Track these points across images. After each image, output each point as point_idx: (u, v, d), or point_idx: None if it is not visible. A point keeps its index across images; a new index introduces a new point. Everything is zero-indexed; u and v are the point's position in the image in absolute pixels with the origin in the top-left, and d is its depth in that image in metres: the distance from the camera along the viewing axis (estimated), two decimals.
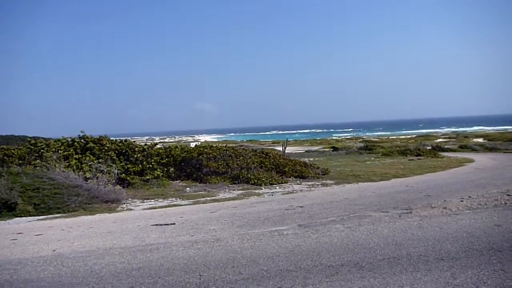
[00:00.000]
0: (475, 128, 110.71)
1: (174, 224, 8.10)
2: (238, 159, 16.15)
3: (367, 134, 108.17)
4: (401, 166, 21.04)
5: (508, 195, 9.83)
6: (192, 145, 20.11)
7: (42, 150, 14.16)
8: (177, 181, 15.27)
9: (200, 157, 15.94)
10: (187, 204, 11.01)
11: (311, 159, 26.42)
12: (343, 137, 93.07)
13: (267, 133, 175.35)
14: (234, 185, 14.64)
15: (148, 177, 14.34)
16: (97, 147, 14.73)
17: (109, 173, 12.96)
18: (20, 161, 13.74)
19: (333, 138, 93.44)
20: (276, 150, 25.77)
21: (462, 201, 9.34)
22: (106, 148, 14.79)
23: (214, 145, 18.49)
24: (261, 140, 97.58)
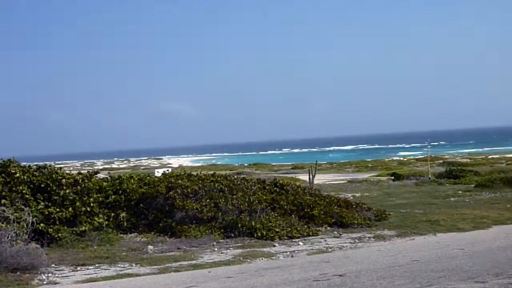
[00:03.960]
0: None
1: None
2: (234, 197, 16.02)
3: (450, 151, 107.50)
4: (508, 205, 20.72)
5: None
6: (158, 173, 20.00)
7: None
8: (133, 234, 15.23)
9: (171, 193, 15.83)
10: (148, 274, 10.81)
11: (358, 194, 26.09)
12: (410, 157, 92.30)
13: (280, 151, 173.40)
14: (228, 239, 14.50)
15: (83, 228, 14.22)
16: (0, 179, 14.60)
17: (19, 222, 12.71)
18: None
19: (394, 158, 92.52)
20: (298, 180, 25.45)
21: None
22: (14, 180, 14.62)
23: (195, 174, 18.32)
24: (272, 164, 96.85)
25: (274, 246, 13.83)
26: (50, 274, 11.04)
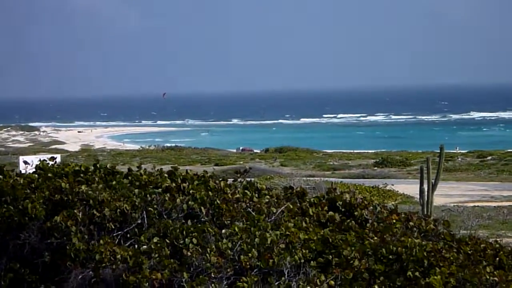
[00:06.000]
0: None
1: None
2: (226, 232, 8.26)
3: None
4: None
5: None
6: (28, 165, 10.91)
7: None
8: None
9: (59, 219, 8.91)
10: None
11: None
12: None
13: (338, 119, 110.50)
14: None
15: None
16: None
17: None
18: None
19: None
20: (390, 194, 21.44)
21: None
22: None
23: (124, 171, 9.87)
24: (323, 152, 60.07)
25: None
26: None
